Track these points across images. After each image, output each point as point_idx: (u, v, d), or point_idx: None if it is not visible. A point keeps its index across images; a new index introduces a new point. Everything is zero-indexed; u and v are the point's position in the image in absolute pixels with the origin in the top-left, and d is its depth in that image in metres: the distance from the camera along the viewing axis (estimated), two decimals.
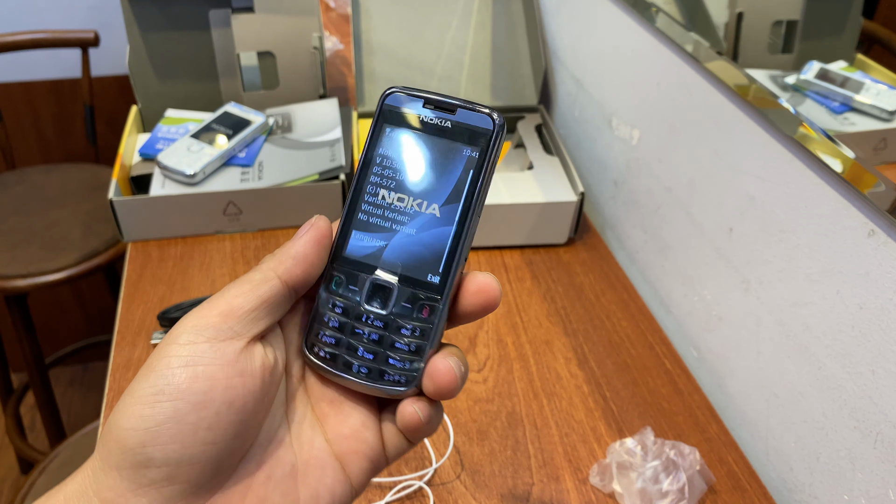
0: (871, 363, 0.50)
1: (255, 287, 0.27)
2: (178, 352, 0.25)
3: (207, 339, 0.25)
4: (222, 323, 0.26)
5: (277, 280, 0.27)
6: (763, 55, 0.62)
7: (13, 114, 1.56)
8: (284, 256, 0.28)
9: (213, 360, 0.25)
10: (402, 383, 0.29)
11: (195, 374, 0.25)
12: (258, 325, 0.26)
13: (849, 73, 0.55)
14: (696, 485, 0.57)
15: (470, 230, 0.30)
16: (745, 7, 0.62)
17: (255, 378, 0.26)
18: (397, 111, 0.31)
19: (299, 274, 0.28)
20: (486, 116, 0.31)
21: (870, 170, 0.49)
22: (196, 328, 0.25)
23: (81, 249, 1.22)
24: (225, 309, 0.26)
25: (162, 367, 0.25)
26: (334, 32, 1.33)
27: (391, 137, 0.31)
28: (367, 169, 0.31)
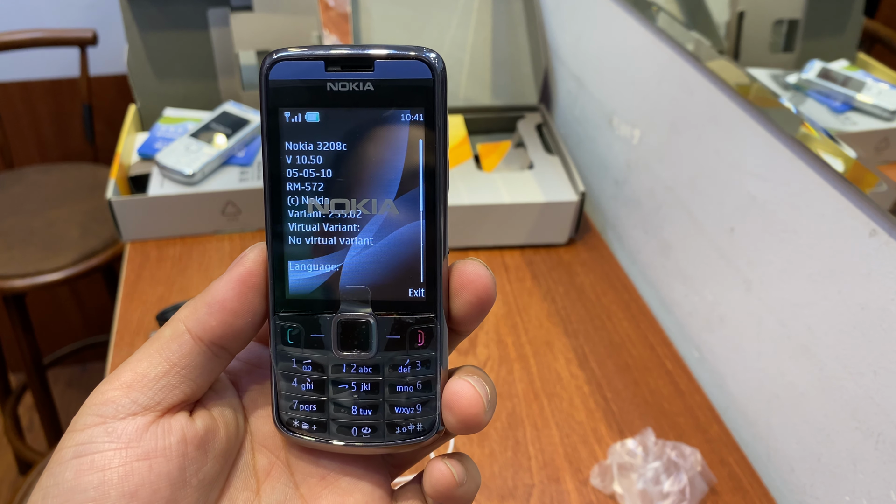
0: (873, 363, 0.50)
1: (164, 346, 0.22)
2: (72, 440, 0.21)
3: (104, 418, 0.21)
4: (123, 397, 0.21)
5: (188, 335, 0.22)
6: (764, 54, 0.62)
7: (11, 113, 1.55)
8: (199, 303, 0.22)
9: (107, 445, 0.20)
10: (420, 431, 0.23)
11: (84, 465, 0.20)
12: (173, 394, 0.21)
13: (850, 73, 0.55)
14: (697, 486, 0.57)
15: (444, 217, 0.23)
16: (747, 6, 0.62)
17: (170, 457, 0.21)
18: (292, 86, 0.23)
19: (216, 326, 0.22)
20: (419, 62, 0.23)
21: (871, 169, 0.49)
22: (94, 407, 0.21)
23: (80, 249, 1.21)
24: (128, 378, 0.21)
25: (54, 462, 0.20)
26: (333, 31, 1.33)
27: (295, 125, 0.23)
28: (278, 177, 0.23)
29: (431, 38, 0.99)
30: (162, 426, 0.21)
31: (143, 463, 0.20)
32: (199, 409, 0.22)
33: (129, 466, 0.20)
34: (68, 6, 1.50)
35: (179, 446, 0.21)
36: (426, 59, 0.23)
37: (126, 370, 0.21)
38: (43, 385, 1.39)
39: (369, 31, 0.99)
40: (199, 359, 0.22)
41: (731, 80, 0.62)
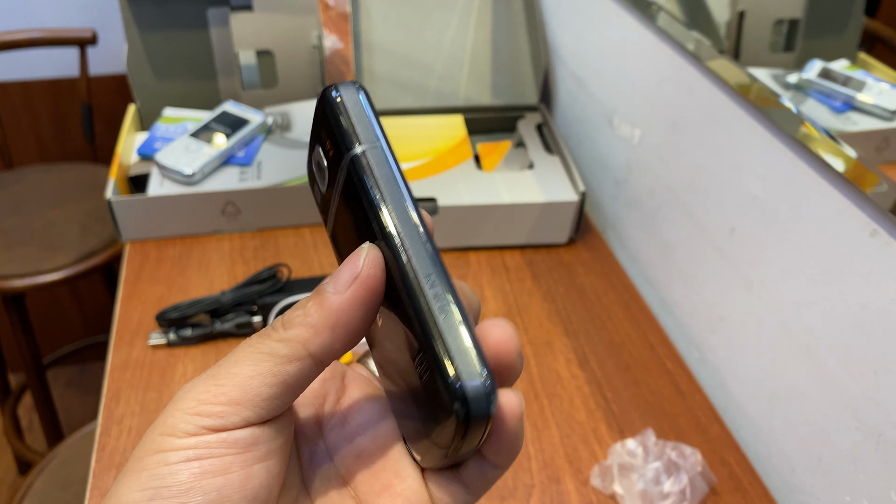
0: (874, 363, 0.50)
1: (279, 366, 0.20)
2: (177, 445, 0.20)
3: (213, 428, 0.20)
4: (233, 413, 0.20)
5: (310, 360, 0.21)
6: (765, 54, 0.62)
7: (11, 113, 1.55)
8: (322, 325, 0.20)
9: (225, 450, 0.20)
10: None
11: (203, 468, 0.20)
12: (281, 409, 0.21)
13: (851, 72, 0.55)
14: (697, 486, 0.57)
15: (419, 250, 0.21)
16: (747, 5, 0.62)
17: (282, 458, 0.21)
18: None
19: (340, 349, 0.21)
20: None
21: (872, 169, 0.49)
22: (198, 417, 0.20)
23: (79, 249, 1.21)
24: (237, 395, 0.20)
25: (155, 464, 0.20)
26: (333, 31, 1.33)
27: None
28: None
29: (431, 38, 0.99)
30: (272, 428, 0.21)
31: (262, 465, 0.21)
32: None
33: (249, 470, 0.20)
34: (68, 6, 1.50)
35: (285, 447, 0.22)
36: None
37: (233, 384, 0.20)
38: (42, 385, 1.39)
39: (369, 31, 0.99)
40: (312, 377, 0.21)
41: (732, 80, 0.62)
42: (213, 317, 0.70)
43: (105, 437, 0.60)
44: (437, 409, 0.20)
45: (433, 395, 0.20)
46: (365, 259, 0.21)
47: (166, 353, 0.68)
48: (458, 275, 0.81)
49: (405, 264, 0.20)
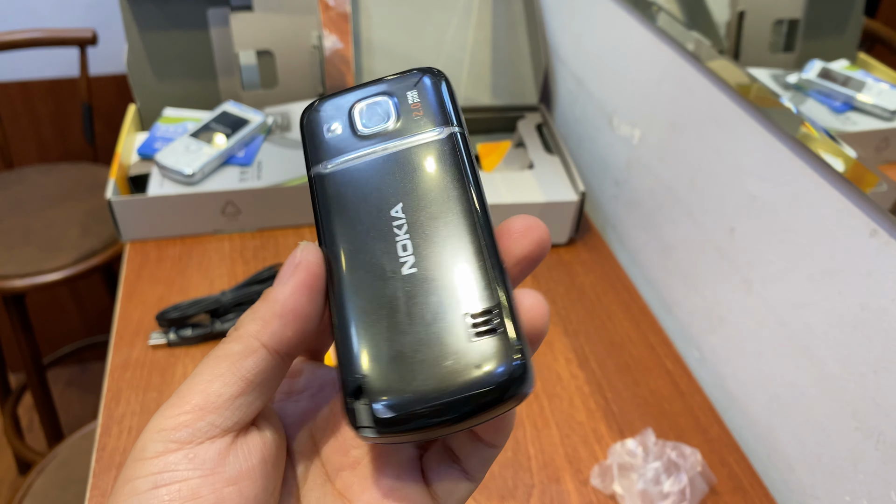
0: (874, 364, 0.50)
1: (236, 364, 0.20)
2: (145, 469, 0.19)
3: (180, 444, 0.19)
4: (198, 420, 0.20)
5: (264, 350, 0.21)
6: (765, 54, 0.62)
7: (11, 113, 1.55)
8: (269, 315, 0.21)
9: (192, 472, 0.19)
10: None
11: (169, 495, 0.19)
12: (248, 412, 0.21)
13: (851, 73, 0.55)
14: (697, 486, 0.57)
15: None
16: (747, 5, 0.62)
17: (255, 479, 0.20)
18: None
19: (292, 336, 0.21)
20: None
21: (872, 169, 0.49)
22: (164, 433, 0.19)
23: (79, 249, 1.21)
24: (200, 400, 0.20)
25: (126, 493, 0.19)
26: (333, 31, 1.33)
27: None
28: None
29: (431, 38, 0.99)
30: (242, 447, 0.20)
31: (233, 489, 0.20)
32: (261, 424, 0.22)
33: (219, 493, 0.19)
34: (68, 6, 1.50)
35: (262, 466, 0.21)
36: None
37: (195, 392, 0.20)
38: (42, 385, 1.39)
39: (369, 31, 0.99)
40: (273, 372, 0.21)
41: (732, 80, 0.62)
42: (214, 317, 0.70)
43: (105, 437, 0.60)
44: (480, 372, 0.20)
45: (481, 357, 0.20)
46: (301, 250, 0.22)
47: (166, 353, 0.68)
48: None
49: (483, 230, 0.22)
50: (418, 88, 0.24)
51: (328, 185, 0.23)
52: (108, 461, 0.58)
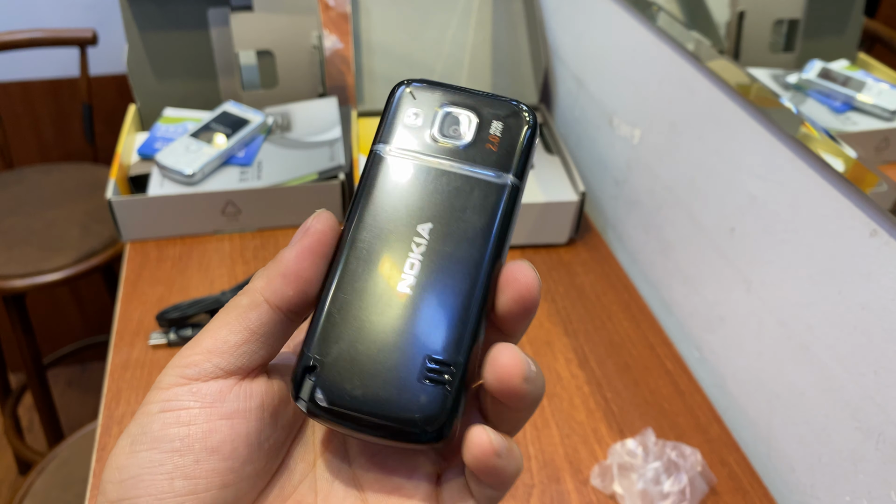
0: (874, 364, 0.50)
1: (242, 315, 0.23)
2: (158, 396, 0.22)
3: (189, 379, 0.22)
4: (205, 361, 0.22)
5: (266, 305, 0.23)
6: (765, 54, 0.62)
7: (11, 113, 1.55)
8: (274, 273, 0.23)
9: (192, 403, 0.22)
10: None
11: (170, 419, 0.22)
12: (252, 359, 0.23)
13: (851, 73, 0.55)
14: (697, 486, 0.57)
15: None
16: (747, 6, 0.62)
17: (249, 420, 0.22)
18: None
19: (292, 295, 0.23)
20: None
21: (872, 169, 0.49)
22: (178, 368, 0.23)
23: (79, 249, 1.22)
24: (209, 344, 0.23)
25: (141, 414, 0.22)
26: (334, 31, 1.33)
27: None
28: None
29: (431, 38, 0.99)
30: (244, 389, 0.23)
31: (226, 422, 0.22)
32: (272, 373, 0.24)
33: (212, 424, 0.22)
34: (68, 6, 1.50)
35: (258, 411, 0.23)
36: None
37: (207, 337, 0.23)
38: (43, 385, 1.39)
39: (369, 31, 0.99)
40: (276, 326, 0.23)
41: (732, 80, 0.62)
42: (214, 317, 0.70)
43: (105, 437, 0.60)
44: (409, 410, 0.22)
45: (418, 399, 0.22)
46: (314, 217, 0.24)
47: (167, 353, 0.68)
48: None
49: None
50: (506, 123, 0.25)
51: (381, 168, 0.24)
52: None
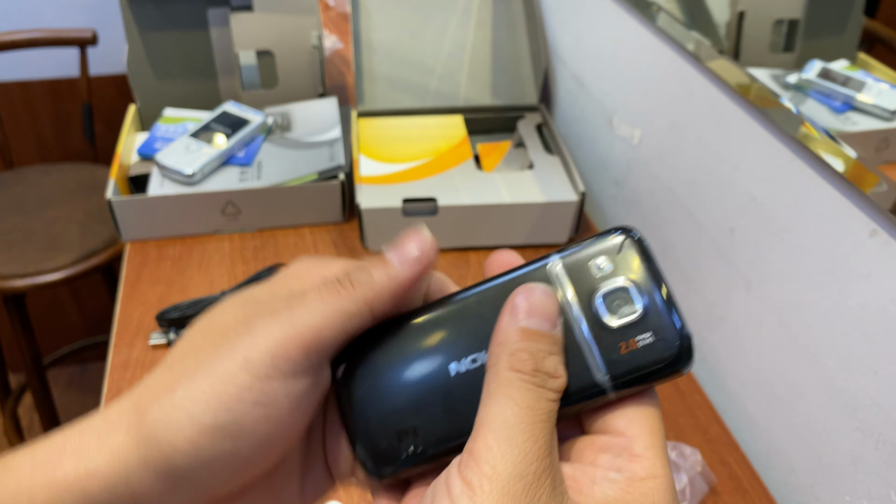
0: (874, 364, 0.50)
1: (347, 321, 0.23)
2: (254, 385, 0.22)
3: (284, 374, 0.22)
4: (304, 359, 0.22)
5: (371, 316, 0.23)
6: (765, 54, 0.62)
7: (11, 113, 1.55)
8: (386, 293, 0.23)
9: (285, 403, 0.22)
10: None
11: (265, 416, 0.22)
12: (332, 357, 0.24)
13: (850, 73, 0.55)
14: (697, 486, 0.57)
15: None
16: (747, 6, 0.62)
17: (314, 412, 0.24)
18: None
19: (392, 313, 0.24)
20: None
21: (872, 169, 0.49)
22: (275, 359, 0.22)
23: (79, 249, 1.22)
24: (310, 340, 0.22)
25: (231, 394, 0.22)
26: (333, 31, 1.33)
27: None
28: None
29: (431, 38, 0.99)
30: (316, 382, 0.23)
31: (302, 419, 0.23)
32: None
33: (295, 422, 0.23)
34: (68, 6, 1.50)
35: (321, 400, 0.24)
36: None
37: (309, 333, 0.22)
38: (43, 385, 1.39)
39: (369, 31, 0.99)
40: (362, 328, 0.24)
41: (732, 80, 0.62)
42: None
43: None
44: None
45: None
46: (430, 240, 0.24)
47: (167, 353, 0.68)
48: (457, 275, 0.81)
49: None
50: (653, 343, 0.24)
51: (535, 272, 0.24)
52: None
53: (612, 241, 0.24)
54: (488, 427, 0.21)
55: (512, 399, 0.21)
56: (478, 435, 0.21)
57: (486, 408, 0.21)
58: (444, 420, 0.23)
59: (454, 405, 0.23)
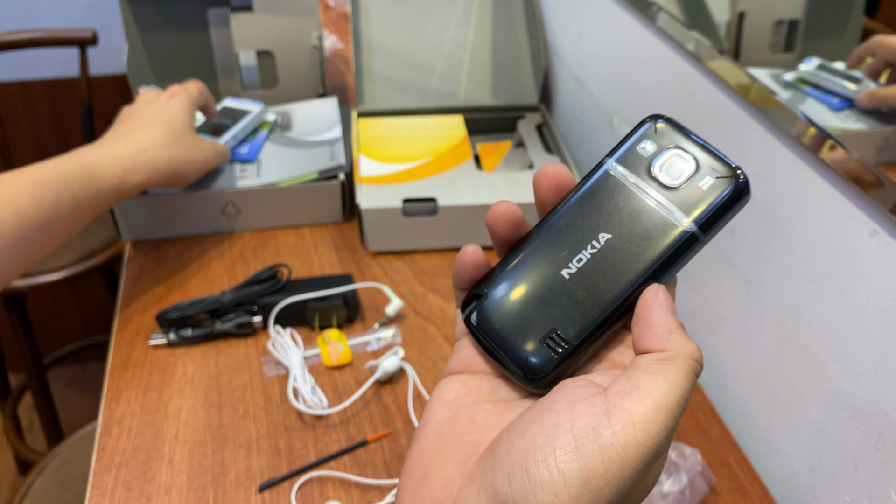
0: (874, 364, 0.50)
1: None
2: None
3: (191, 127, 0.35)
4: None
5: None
6: (765, 54, 0.62)
7: (11, 113, 1.55)
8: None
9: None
10: None
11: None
12: None
13: (851, 72, 0.55)
14: (697, 486, 0.57)
15: None
16: (747, 6, 0.62)
17: None
18: None
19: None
20: None
21: (872, 169, 0.49)
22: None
23: (79, 249, 1.22)
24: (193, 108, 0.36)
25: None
26: (334, 31, 1.33)
27: None
28: None
29: (431, 38, 0.99)
30: None
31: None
32: None
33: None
34: (68, 6, 1.50)
35: None
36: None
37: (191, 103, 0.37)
38: (42, 385, 1.39)
39: (369, 31, 0.99)
40: None
41: (732, 80, 0.62)
42: (214, 317, 0.70)
43: (105, 437, 0.60)
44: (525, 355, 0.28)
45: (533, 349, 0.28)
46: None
47: (167, 352, 0.68)
48: None
49: None
50: (717, 181, 0.28)
51: (600, 177, 0.29)
52: (108, 461, 0.58)
53: (646, 129, 0.29)
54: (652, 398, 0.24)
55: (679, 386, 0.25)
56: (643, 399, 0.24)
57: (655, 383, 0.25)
58: (577, 314, 0.27)
59: (580, 300, 0.28)
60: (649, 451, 0.23)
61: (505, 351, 0.28)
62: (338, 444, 0.60)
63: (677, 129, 0.29)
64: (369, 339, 0.70)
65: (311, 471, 0.58)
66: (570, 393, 0.25)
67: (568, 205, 0.29)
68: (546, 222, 0.29)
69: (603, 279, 0.28)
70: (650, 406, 0.24)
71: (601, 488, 0.22)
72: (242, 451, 0.59)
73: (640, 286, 0.28)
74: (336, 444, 0.60)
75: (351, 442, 0.60)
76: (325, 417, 0.62)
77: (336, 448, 0.60)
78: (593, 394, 0.25)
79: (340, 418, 0.63)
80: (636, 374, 0.25)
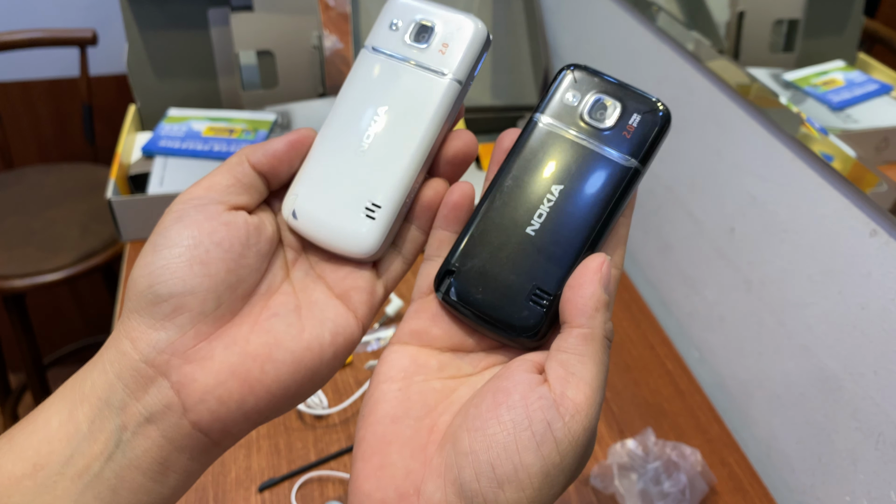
0: (873, 364, 0.50)
1: (230, 168, 0.32)
2: (170, 217, 0.30)
3: (194, 205, 0.30)
4: (205, 194, 0.30)
5: (248, 163, 0.32)
6: (764, 54, 0.62)
7: (11, 113, 1.55)
8: (258, 146, 0.32)
9: (198, 214, 0.30)
10: None
11: (184, 224, 0.29)
12: (237, 199, 0.31)
13: None
14: (697, 486, 0.57)
15: None
16: (747, 6, 0.62)
17: (239, 227, 0.30)
18: None
19: (265, 164, 0.32)
20: None
21: (872, 169, 0.49)
22: (184, 199, 0.30)
23: (79, 249, 1.22)
24: (206, 184, 0.31)
25: (159, 227, 0.30)
26: (334, 31, 1.33)
27: None
28: None
29: None
30: (231, 213, 0.30)
31: (223, 227, 0.30)
32: (253, 214, 0.32)
33: (214, 227, 0.29)
34: (68, 6, 1.50)
35: (245, 224, 0.30)
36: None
37: (205, 180, 0.31)
38: (43, 385, 1.39)
39: (369, 31, 0.99)
40: (253, 180, 0.31)
41: (732, 80, 0.62)
42: None
43: None
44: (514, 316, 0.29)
45: (522, 310, 0.29)
46: (304, 129, 0.34)
47: None
48: None
49: None
50: (643, 117, 0.30)
51: (534, 133, 0.30)
52: None
53: (567, 79, 0.31)
54: (587, 383, 0.26)
55: (603, 363, 0.27)
56: (580, 385, 0.26)
57: (585, 367, 0.27)
58: (552, 266, 0.29)
59: (551, 253, 0.29)
60: (592, 432, 0.26)
61: (493, 317, 0.29)
62: (338, 443, 0.60)
63: (594, 74, 0.31)
64: (369, 340, 0.70)
65: (311, 471, 0.58)
66: (520, 382, 0.27)
67: (513, 167, 0.30)
68: (495, 188, 0.30)
69: (567, 228, 0.29)
70: (588, 392, 0.26)
71: (557, 476, 0.25)
72: (242, 451, 0.59)
73: (603, 225, 0.29)
74: (336, 444, 0.60)
75: (351, 442, 0.60)
76: (325, 417, 0.62)
77: (336, 448, 0.60)
78: (538, 382, 0.27)
79: (340, 418, 0.63)
80: (567, 357, 0.27)
